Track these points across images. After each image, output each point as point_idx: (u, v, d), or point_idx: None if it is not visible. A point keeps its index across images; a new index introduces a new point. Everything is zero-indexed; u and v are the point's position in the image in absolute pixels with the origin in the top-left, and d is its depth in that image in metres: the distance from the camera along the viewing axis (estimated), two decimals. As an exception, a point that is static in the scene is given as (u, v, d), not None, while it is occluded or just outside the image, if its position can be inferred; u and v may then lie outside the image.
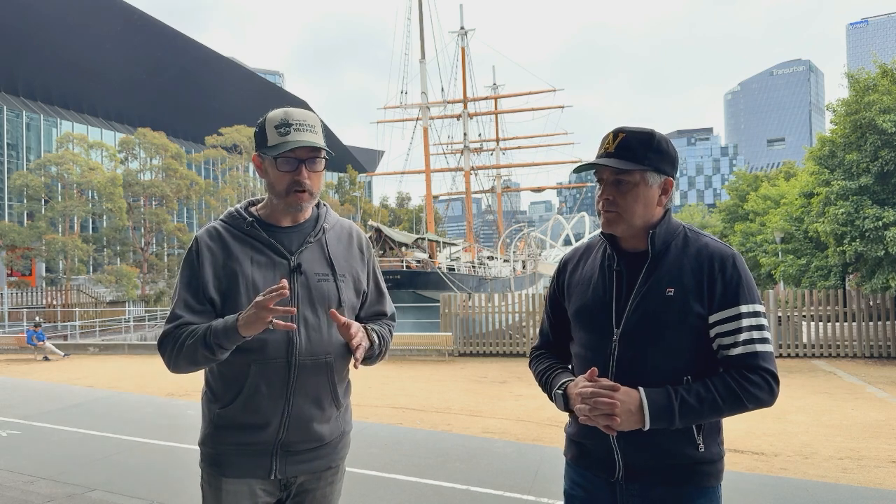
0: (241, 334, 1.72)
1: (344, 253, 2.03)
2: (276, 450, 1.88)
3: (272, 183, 1.92)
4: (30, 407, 8.89)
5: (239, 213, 2.00)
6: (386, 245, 27.00)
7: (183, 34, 62.69)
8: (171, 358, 1.83)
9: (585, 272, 1.88)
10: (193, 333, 1.78)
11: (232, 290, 1.87)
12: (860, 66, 16.74)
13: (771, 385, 1.65)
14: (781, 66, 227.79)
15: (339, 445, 2.02)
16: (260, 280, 1.87)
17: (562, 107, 49.41)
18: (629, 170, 1.70)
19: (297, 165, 1.87)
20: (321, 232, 2.00)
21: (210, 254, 1.90)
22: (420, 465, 5.91)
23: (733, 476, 5.45)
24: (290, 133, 1.85)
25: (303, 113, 1.91)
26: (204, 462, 1.95)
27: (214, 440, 1.92)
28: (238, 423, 1.87)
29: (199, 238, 1.95)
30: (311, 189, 1.90)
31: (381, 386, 11.35)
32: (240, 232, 1.94)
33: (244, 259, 1.90)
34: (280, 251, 1.92)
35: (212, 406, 1.94)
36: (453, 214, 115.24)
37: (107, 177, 37.20)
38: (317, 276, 1.93)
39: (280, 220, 1.97)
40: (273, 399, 1.86)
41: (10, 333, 21.45)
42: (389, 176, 57.34)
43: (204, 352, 1.76)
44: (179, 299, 1.88)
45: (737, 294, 1.68)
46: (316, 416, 1.92)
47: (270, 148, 1.86)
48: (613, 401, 1.58)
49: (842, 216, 14.83)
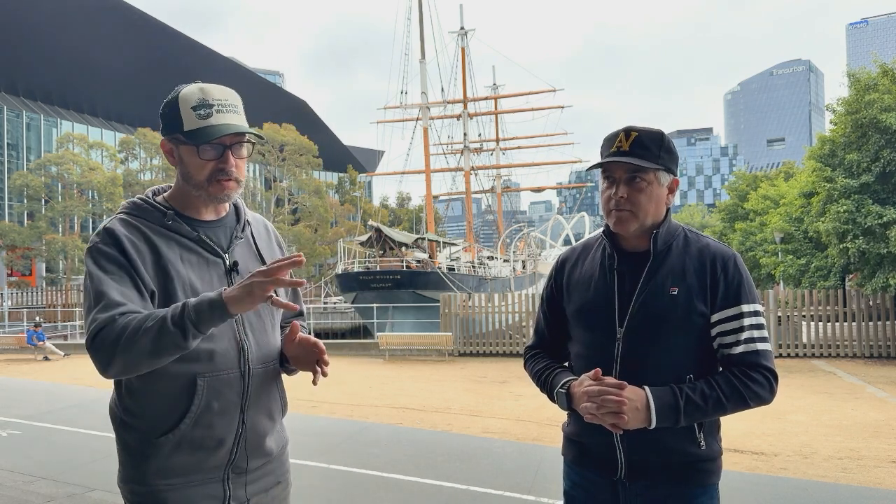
0: (229, 312, 1.43)
1: (267, 248, 1.84)
2: (227, 474, 1.65)
3: (190, 172, 1.65)
4: (30, 407, 8.89)
5: (150, 203, 1.69)
6: (386, 245, 26.98)
7: (183, 34, 62.73)
8: (114, 354, 1.43)
9: (585, 271, 1.87)
10: (151, 317, 1.43)
11: (167, 293, 1.57)
12: (860, 66, 16.73)
13: (771, 383, 1.68)
14: (781, 66, 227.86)
15: (282, 457, 1.83)
16: (197, 281, 1.62)
17: (562, 107, 49.38)
18: (645, 168, 1.70)
19: (223, 151, 1.63)
20: (246, 225, 1.80)
21: (134, 248, 1.57)
22: (420, 465, 5.91)
23: (733, 476, 5.45)
24: (211, 115, 1.60)
25: (222, 90, 1.66)
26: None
27: (152, 477, 1.59)
28: (184, 449, 1.59)
29: (113, 231, 1.60)
30: (237, 177, 1.67)
31: (381, 386, 11.35)
32: (159, 226, 1.65)
33: (174, 258, 1.61)
34: (212, 248, 1.68)
35: (141, 435, 1.60)
36: (453, 214, 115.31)
37: (107, 177, 37.24)
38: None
39: (200, 213, 1.71)
40: (226, 416, 1.61)
41: (11, 333, 21.44)
42: (389, 176, 57.35)
43: (172, 337, 1.41)
44: (110, 287, 1.50)
45: (738, 294, 1.70)
46: (269, 428, 1.74)
47: (189, 133, 1.60)
48: (622, 398, 1.58)
49: (844, 214, 14.83)
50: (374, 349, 16.69)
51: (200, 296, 1.47)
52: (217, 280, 1.66)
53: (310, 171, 51.24)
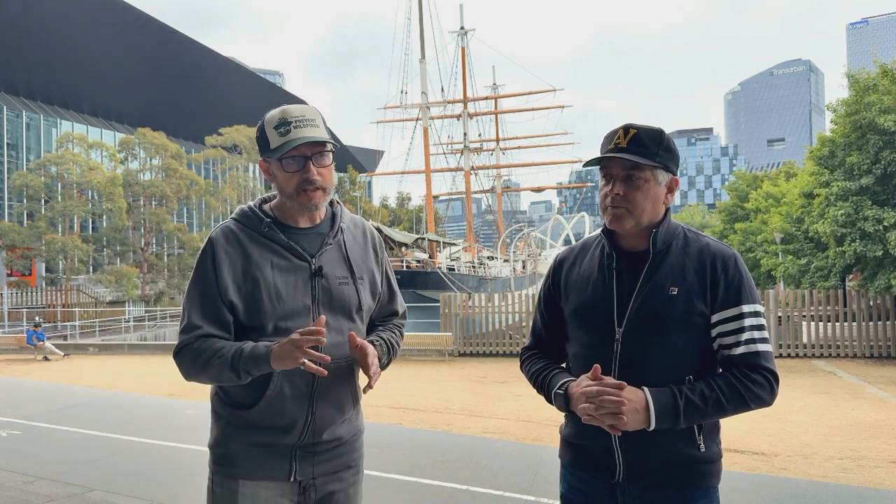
0: (272, 367, 1.70)
1: (360, 254, 1.98)
2: (294, 452, 1.85)
3: (281, 186, 1.84)
4: (30, 407, 8.89)
5: (254, 212, 1.90)
6: (386, 245, 27.00)
7: (183, 34, 62.73)
8: (191, 372, 1.79)
9: (583, 271, 1.85)
10: (219, 354, 1.73)
11: (254, 296, 1.79)
12: (860, 66, 16.72)
13: (772, 384, 1.66)
14: (781, 66, 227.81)
15: (355, 444, 2.00)
16: (282, 285, 1.81)
17: (562, 107, 49.41)
18: (642, 165, 1.69)
19: (304, 163, 1.79)
20: (339, 232, 1.94)
21: (227, 257, 1.81)
22: (420, 465, 5.91)
23: (733, 476, 5.45)
24: (290, 131, 1.77)
25: (301, 108, 1.83)
26: (217, 464, 1.88)
27: (231, 441, 1.85)
28: (259, 425, 1.82)
29: (214, 240, 1.85)
30: (322, 185, 1.82)
31: (381, 386, 11.26)
32: (257, 233, 1.85)
33: (264, 263, 1.81)
34: (300, 254, 1.85)
35: (227, 408, 1.88)
36: (453, 214, 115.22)
37: (107, 177, 37.19)
38: (337, 279, 1.88)
39: (297, 221, 1.89)
40: (297, 402, 1.82)
41: (10, 333, 21.43)
42: (389, 176, 57.39)
43: (230, 374, 1.72)
44: (194, 306, 1.80)
45: (739, 294, 1.69)
46: (337, 418, 1.90)
47: (274, 150, 1.78)
48: (621, 399, 1.56)
49: (841, 217, 14.82)
50: (374, 349, 16.67)
51: (255, 345, 1.73)
52: (301, 283, 1.84)
53: (310, 171, 51.06)
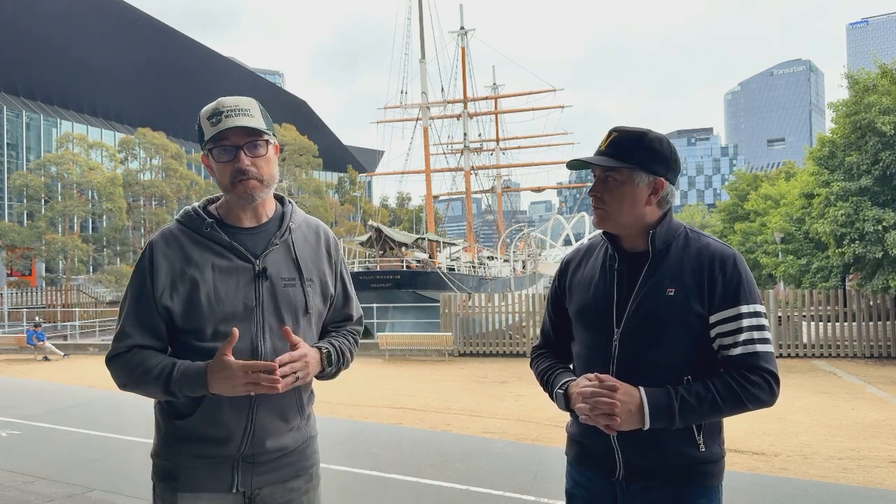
0: (209, 391, 1.64)
1: (311, 255, 1.89)
2: (237, 462, 1.77)
3: (219, 179, 1.77)
4: (30, 407, 8.89)
5: (197, 212, 1.83)
6: (386, 245, 26.98)
7: (183, 34, 62.78)
8: (126, 385, 1.76)
9: (587, 272, 1.88)
10: (152, 370, 1.68)
11: (192, 298, 1.72)
12: (860, 66, 16.71)
13: (771, 385, 1.65)
14: (781, 66, 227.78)
15: (306, 451, 1.91)
16: (222, 287, 1.73)
17: (562, 107, 49.37)
18: (616, 167, 1.72)
19: (236, 152, 1.72)
20: (287, 232, 1.85)
21: (165, 260, 1.75)
22: (420, 465, 5.91)
23: (733, 476, 5.44)
24: (221, 121, 1.71)
25: (235, 99, 1.77)
26: (157, 476, 1.82)
27: (169, 452, 1.79)
28: (197, 435, 1.75)
29: (153, 243, 1.79)
30: (256, 175, 1.74)
31: (381, 386, 11.35)
32: (198, 234, 1.78)
33: (204, 264, 1.74)
34: (243, 254, 1.77)
35: (166, 416, 1.80)
36: (453, 214, 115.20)
37: (107, 177, 37.24)
38: (283, 280, 1.79)
39: (241, 220, 1.82)
40: (235, 412, 1.73)
41: (10, 333, 21.43)
42: (389, 176, 57.40)
43: (163, 395, 1.69)
44: (128, 313, 1.76)
45: (737, 294, 1.68)
46: (281, 428, 1.81)
47: (207, 141, 1.74)
48: (613, 401, 1.58)
49: (841, 217, 14.83)
50: (374, 349, 16.69)
51: (194, 367, 1.65)
52: (243, 284, 1.76)
53: (310, 171, 51.21)
